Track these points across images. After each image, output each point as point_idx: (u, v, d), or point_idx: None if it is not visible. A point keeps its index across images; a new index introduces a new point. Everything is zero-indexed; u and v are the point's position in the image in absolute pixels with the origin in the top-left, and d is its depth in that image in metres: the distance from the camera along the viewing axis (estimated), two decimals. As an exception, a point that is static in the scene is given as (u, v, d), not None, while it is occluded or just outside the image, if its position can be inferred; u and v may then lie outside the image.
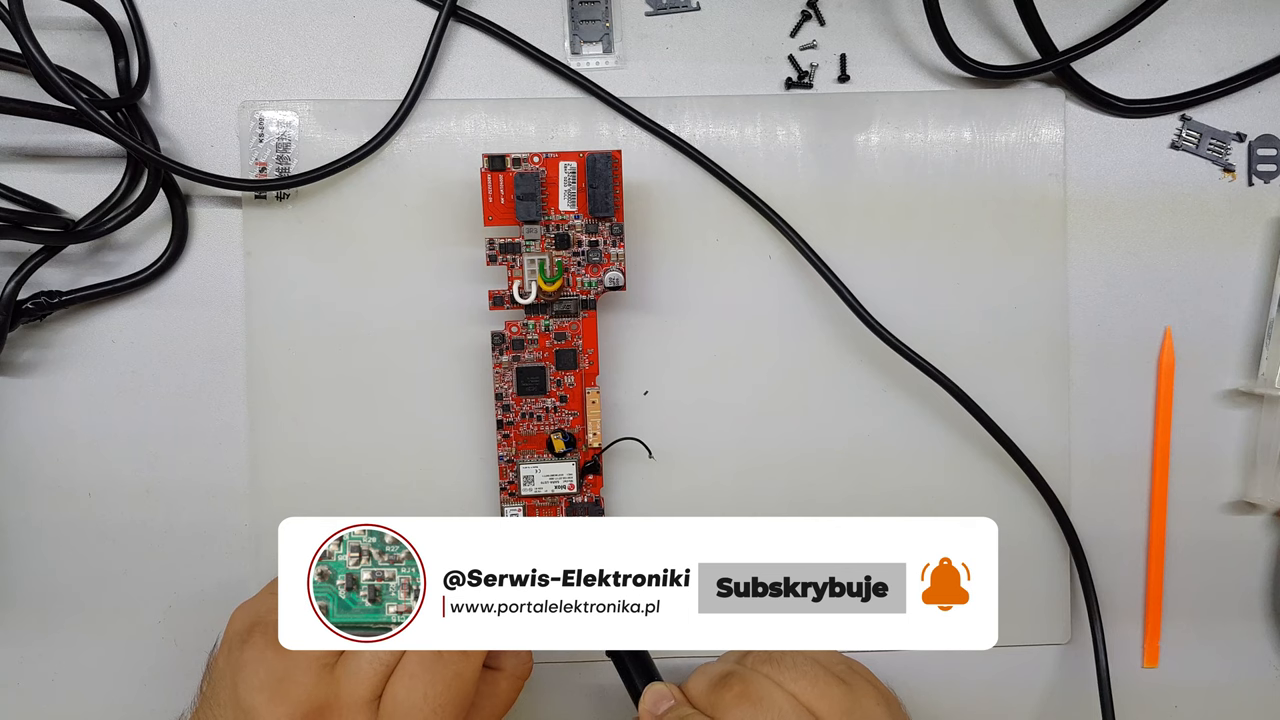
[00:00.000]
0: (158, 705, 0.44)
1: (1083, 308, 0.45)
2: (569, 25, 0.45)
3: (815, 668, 0.33)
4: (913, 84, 0.45)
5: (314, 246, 0.44)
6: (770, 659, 0.34)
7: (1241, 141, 0.46)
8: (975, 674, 0.45)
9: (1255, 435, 0.45)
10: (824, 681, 0.33)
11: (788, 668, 0.33)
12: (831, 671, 0.34)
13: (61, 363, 0.44)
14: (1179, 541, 0.46)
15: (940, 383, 0.43)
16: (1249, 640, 0.46)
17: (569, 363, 0.43)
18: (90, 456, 0.44)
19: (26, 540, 0.44)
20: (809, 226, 0.44)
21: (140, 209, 0.43)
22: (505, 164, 0.41)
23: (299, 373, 0.44)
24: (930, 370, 0.43)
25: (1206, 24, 0.46)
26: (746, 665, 0.34)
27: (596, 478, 0.43)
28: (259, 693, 0.33)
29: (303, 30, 0.45)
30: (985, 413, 0.43)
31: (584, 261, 0.42)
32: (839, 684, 0.33)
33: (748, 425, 0.45)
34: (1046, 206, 0.45)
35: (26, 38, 0.38)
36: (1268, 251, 0.46)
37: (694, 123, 0.45)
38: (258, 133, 0.44)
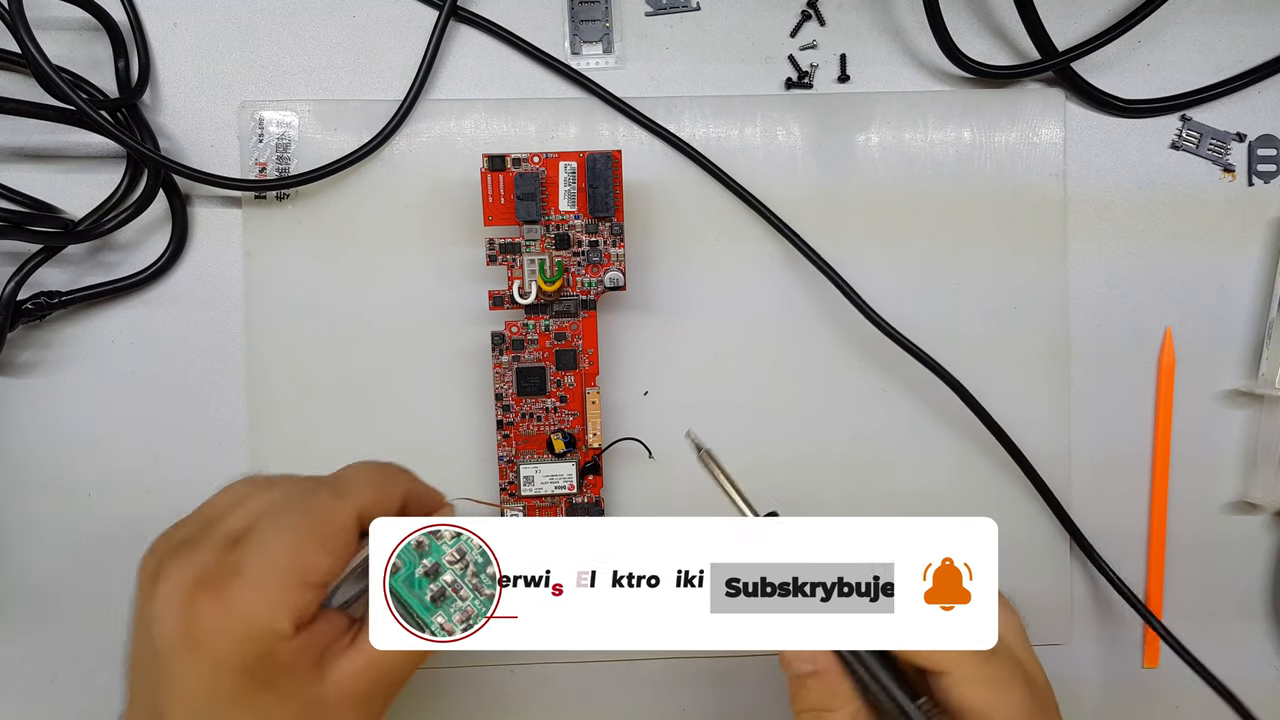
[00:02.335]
0: (158, 705, 0.44)
1: (1083, 308, 0.45)
2: (569, 25, 0.45)
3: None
4: (913, 84, 0.45)
5: (314, 246, 0.44)
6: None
7: (1241, 141, 0.46)
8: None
9: (1255, 435, 0.45)
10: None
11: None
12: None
13: (61, 363, 0.44)
14: (1179, 541, 0.46)
15: (942, 377, 0.43)
16: (1249, 640, 0.46)
17: (569, 363, 0.43)
18: (90, 456, 0.44)
19: (26, 540, 0.44)
20: (809, 227, 0.44)
21: (140, 209, 0.43)
22: (505, 164, 0.41)
23: (299, 373, 0.44)
24: (932, 364, 0.43)
25: (1206, 24, 0.46)
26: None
27: (596, 478, 0.43)
28: (146, 555, 0.32)
29: (303, 30, 0.45)
30: (986, 410, 0.43)
31: (584, 261, 0.42)
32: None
33: (748, 425, 0.45)
34: (1046, 206, 0.45)
35: (26, 38, 0.38)
36: (1268, 251, 0.46)
37: (694, 123, 0.45)
38: (258, 133, 0.44)
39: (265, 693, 0.30)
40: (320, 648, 0.31)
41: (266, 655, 0.30)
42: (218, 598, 0.29)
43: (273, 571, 0.30)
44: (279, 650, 0.30)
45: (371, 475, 0.34)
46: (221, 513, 0.33)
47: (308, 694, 0.31)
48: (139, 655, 0.32)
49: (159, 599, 0.30)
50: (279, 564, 0.30)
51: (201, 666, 0.29)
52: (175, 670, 0.29)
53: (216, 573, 0.30)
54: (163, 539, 0.33)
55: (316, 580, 0.31)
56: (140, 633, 0.31)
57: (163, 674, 0.30)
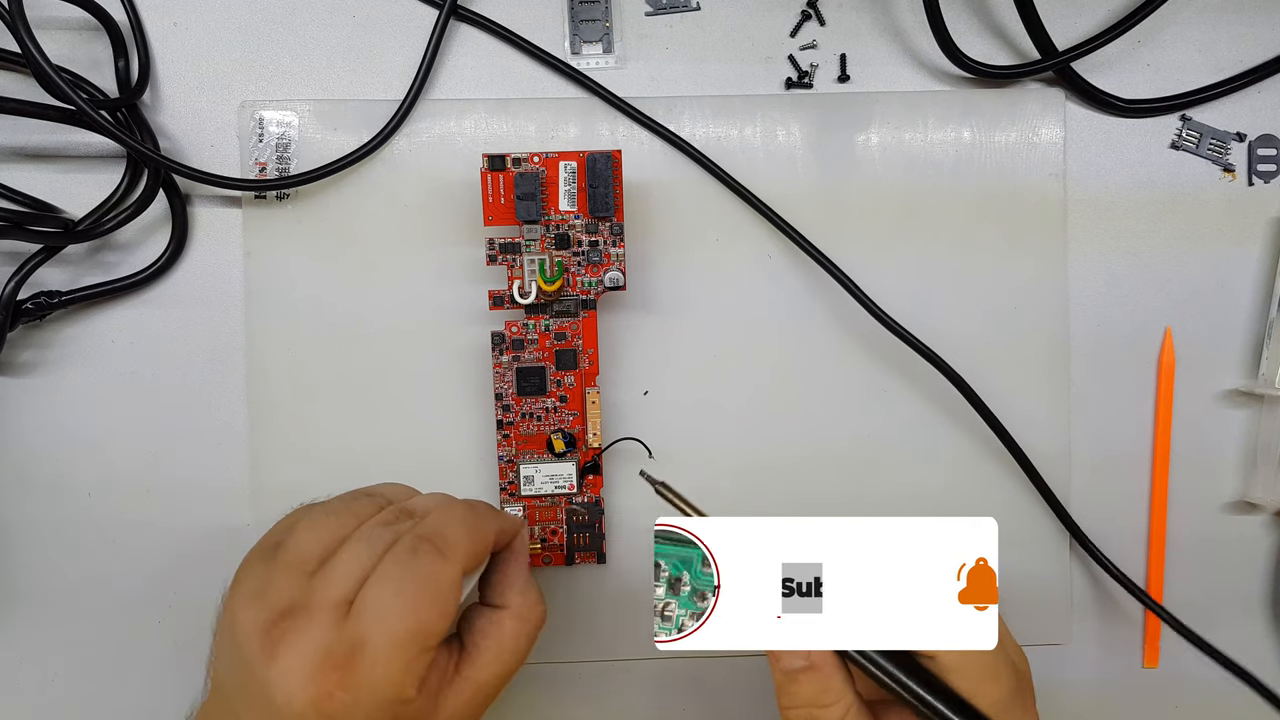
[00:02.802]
0: (158, 705, 0.44)
1: (1083, 308, 0.45)
2: (569, 25, 0.45)
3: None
4: (913, 84, 0.45)
5: (314, 246, 0.44)
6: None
7: (1241, 141, 0.46)
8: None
9: (1255, 435, 0.45)
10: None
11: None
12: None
13: (61, 363, 0.44)
14: (1179, 541, 0.46)
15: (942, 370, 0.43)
16: (1249, 640, 0.46)
17: (569, 363, 0.43)
18: (90, 456, 0.44)
19: (26, 540, 0.44)
20: (809, 226, 0.44)
21: (140, 209, 0.43)
22: (505, 164, 0.41)
23: (299, 373, 0.44)
24: (932, 357, 0.43)
25: (1206, 24, 0.46)
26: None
27: (596, 478, 0.43)
28: (241, 602, 0.33)
29: (303, 30, 0.45)
30: (987, 406, 0.43)
31: (584, 261, 0.42)
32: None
33: (748, 425, 0.45)
34: (1046, 206, 0.45)
35: (26, 38, 0.38)
36: (1268, 251, 0.46)
37: (694, 123, 0.45)
38: (258, 133, 0.44)
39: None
40: (435, 692, 0.33)
41: (394, 718, 0.32)
42: (345, 680, 0.31)
43: (396, 647, 0.31)
44: (404, 712, 0.32)
45: (466, 525, 0.35)
46: (308, 558, 0.34)
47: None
48: (237, 683, 0.33)
49: (282, 670, 0.31)
50: (400, 638, 0.32)
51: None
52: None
53: (342, 652, 0.31)
54: (253, 582, 0.33)
55: (434, 644, 0.32)
56: (250, 681, 0.32)
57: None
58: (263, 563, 0.34)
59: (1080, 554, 0.45)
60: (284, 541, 0.34)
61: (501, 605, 0.36)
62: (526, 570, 0.37)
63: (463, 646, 0.35)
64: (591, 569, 0.45)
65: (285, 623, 0.32)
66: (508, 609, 0.36)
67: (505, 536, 0.37)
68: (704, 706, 0.45)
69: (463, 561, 0.34)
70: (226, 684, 0.33)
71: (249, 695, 0.32)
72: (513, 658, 0.35)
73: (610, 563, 0.45)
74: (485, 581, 0.37)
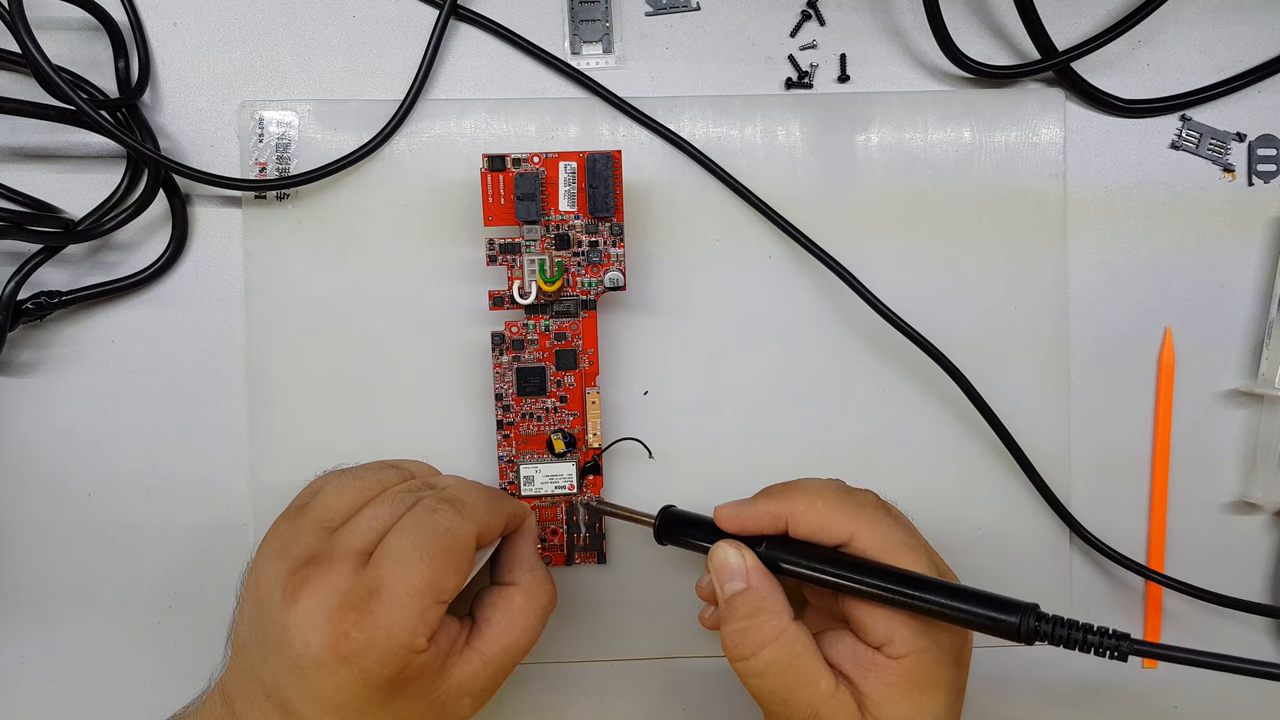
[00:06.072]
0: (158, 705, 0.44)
1: (1083, 308, 0.45)
2: (569, 25, 0.45)
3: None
4: (913, 84, 0.45)
5: (314, 246, 0.44)
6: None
7: (1241, 141, 0.46)
8: (975, 673, 0.45)
9: (1255, 435, 0.45)
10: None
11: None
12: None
13: (61, 363, 0.44)
14: (1179, 541, 0.46)
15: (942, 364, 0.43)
16: (1249, 640, 0.46)
17: (569, 363, 0.43)
18: (90, 456, 0.44)
19: (26, 540, 0.44)
20: (809, 226, 0.44)
21: (140, 209, 0.43)
22: (505, 164, 0.41)
23: (299, 373, 0.44)
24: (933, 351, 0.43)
25: (1206, 24, 0.46)
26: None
27: (596, 478, 0.43)
28: (265, 559, 0.35)
29: (303, 30, 0.45)
30: (987, 404, 0.43)
31: (584, 261, 0.42)
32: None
33: (748, 425, 0.45)
34: (1046, 206, 0.45)
35: (26, 38, 0.38)
36: (1268, 251, 0.46)
37: (694, 123, 0.45)
38: (258, 133, 0.44)
39: (399, 698, 0.34)
40: (444, 653, 0.34)
41: (405, 668, 0.33)
42: (362, 621, 0.32)
43: (411, 594, 0.33)
44: (414, 662, 0.33)
45: (485, 498, 0.37)
46: (332, 516, 0.36)
47: (434, 693, 0.34)
48: (258, 637, 0.34)
49: (301, 613, 0.33)
50: (416, 586, 0.33)
51: (346, 678, 0.33)
52: (318, 678, 0.33)
53: (358, 595, 0.33)
54: (278, 541, 0.35)
55: (446, 598, 0.34)
56: (271, 629, 0.33)
57: (302, 678, 0.33)
58: (288, 523, 0.36)
59: (1080, 554, 0.45)
60: (309, 503, 0.36)
61: (511, 582, 0.38)
62: (535, 550, 0.39)
63: (474, 622, 0.37)
64: (591, 569, 0.45)
65: (306, 569, 0.33)
66: (517, 585, 0.38)
67: (516, 520, 0.39)
68: (704, 706, 0.45)
69: (479, 525, 0.35)
70: (247, 641, 0.35)
71: (267, 646, 0.33)
72: (522, 633, 0.37)
73: (610, 563, 0.45)
74: (496, 562, 0.39)
